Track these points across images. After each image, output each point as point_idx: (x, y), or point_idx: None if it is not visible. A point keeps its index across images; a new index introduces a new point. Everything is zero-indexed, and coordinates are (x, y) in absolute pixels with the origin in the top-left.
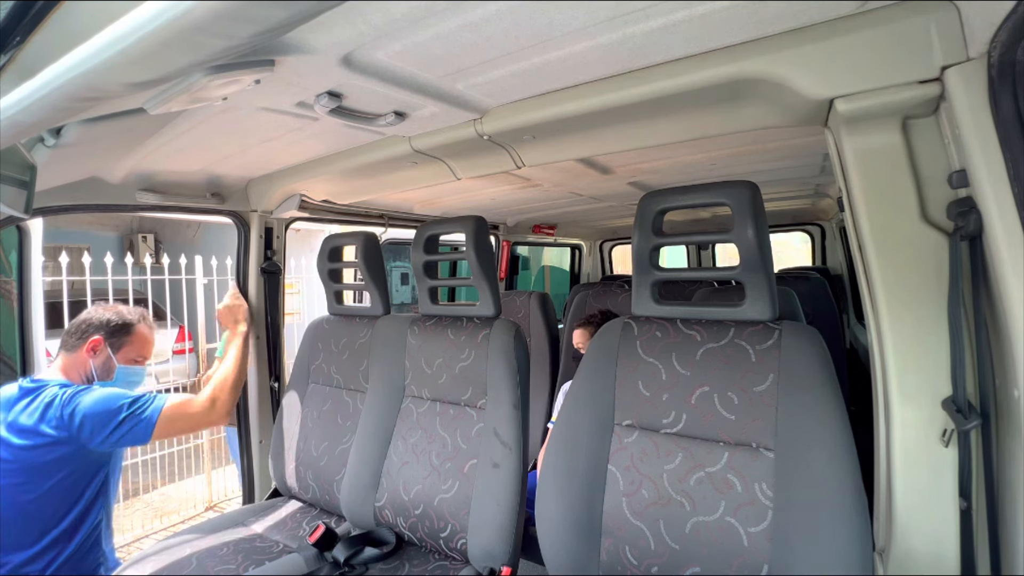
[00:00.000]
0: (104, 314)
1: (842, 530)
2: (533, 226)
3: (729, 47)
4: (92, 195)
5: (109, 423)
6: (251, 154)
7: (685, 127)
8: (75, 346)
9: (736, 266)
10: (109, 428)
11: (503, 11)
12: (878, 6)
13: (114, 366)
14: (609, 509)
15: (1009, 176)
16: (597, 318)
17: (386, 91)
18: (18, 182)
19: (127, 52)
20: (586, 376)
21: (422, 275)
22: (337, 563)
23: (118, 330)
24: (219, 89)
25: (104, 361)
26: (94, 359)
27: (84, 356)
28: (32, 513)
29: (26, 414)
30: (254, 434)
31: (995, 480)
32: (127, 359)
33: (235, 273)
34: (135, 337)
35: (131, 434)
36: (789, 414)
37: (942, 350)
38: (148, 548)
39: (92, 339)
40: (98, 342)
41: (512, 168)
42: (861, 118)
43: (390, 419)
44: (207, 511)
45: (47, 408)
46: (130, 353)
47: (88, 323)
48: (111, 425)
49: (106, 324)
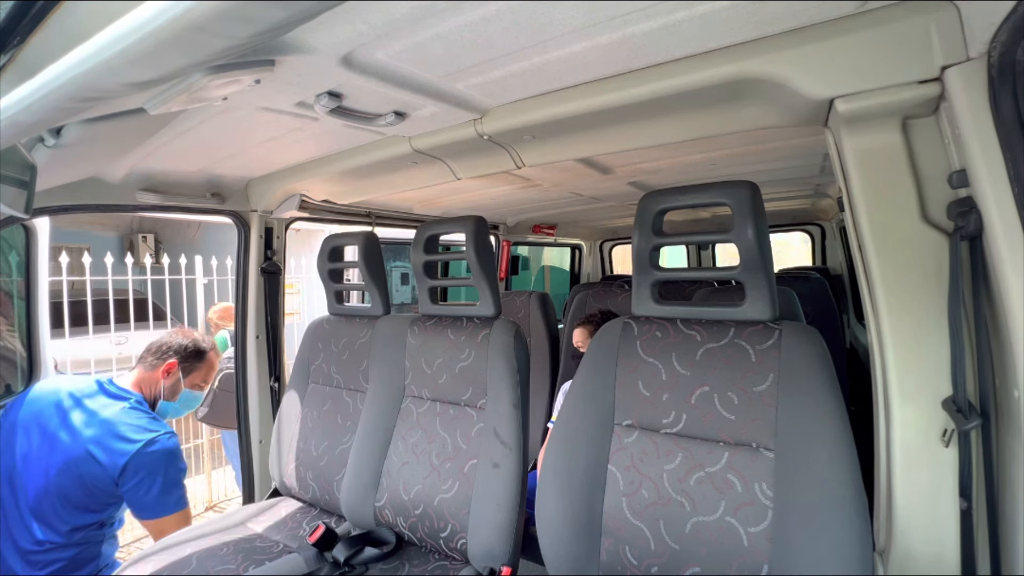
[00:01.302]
0: (183, 340)
1: (842, 530)
2: (533, 226)
3: (729, 47)
4: (92, 195)
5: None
6: (251, 154)
7: (685, 127)
8: (153, 365)
9: (736, 266)
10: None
11: (503, 11)
12: (878, 6)
13: (181, 389)
14: (609, 509)
15: (1009, 176)
16: (597, 318)
17: (386, 91)
18: (18, 182)
19: (127, 52)
20: (586, 376)
21: (422, 275)
22: (337, 563)
23: (192, 356)
24: (219, 89)
25: (174, 384)
26: (166, 380)
27: (158, 376)
28: (63, 504)
29: (106, 416)
30: (254, 434)
31: (995, 480)
32: (192, 384)
33: (235, 273)
34: (205, 364)
35: (137, 502)
36: (789, 414)
37: (942, 350)
38: (148, 548)
39: (169, 362)
40: (173, 365)
41: (512, 168)
42: (861, 118)
43: (390, 419)
44: (207, 511)
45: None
46: (196, 379)
47: (168, 346)
48: (143, 486)
49: (183, 349)
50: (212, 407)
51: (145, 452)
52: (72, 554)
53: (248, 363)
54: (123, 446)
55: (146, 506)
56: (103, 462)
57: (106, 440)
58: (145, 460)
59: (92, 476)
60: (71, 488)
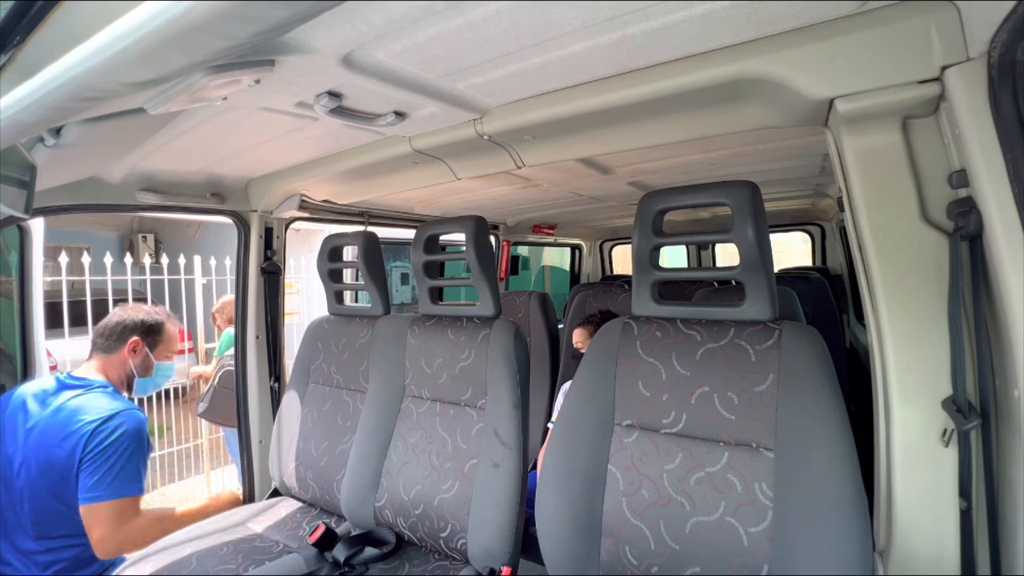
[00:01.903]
0: (136, 315)
1: (842, 530)
2: (533, 226)
3: (729, 47)
4: (92, 195)
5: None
6: (251, 154)
7: (685, 127)
8: (113, 348)
9: (736, 266)
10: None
11: (503, 11)
12: (878, 6)
13: (152, 363)
14: (609, 509)
15: (1009, 176)
16: (597, 318)
17: (386, 91)
18: (18, 182)
19: (127, 52)
20: (586, 376)
21: (422, 275)
22: (337, 563)
23: (152, 330)
24: (219, 89)
25: (143, 359)
26: (135, 358)
27: (125, 356)
28: (56, 504)
29: (73, 406)
30: (254, 434)
31: (995, 480)
32: (162, 356)
33: (235, 273)
34: (167, 335)
35: (89, 481)
36: (789, 414)
37: (942, 350)
38: (148, 548)
39: (131, 340)
40: (137, 343)
41: (512, 168)
42: (861, 118)
43: (390, 419)
44: None
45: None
46: (164, 350)
47: (123, 325)
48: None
49: (142, 325)
50: (211, 403)
51: (103, 428)
52: (75, 553)
53: (248, 363)
54: (80, 425)
55: (97, 484)
56: (67, 448)
57: (68, 426)
58: (103, 434)
59: (68, 468)
60: (58, 487)
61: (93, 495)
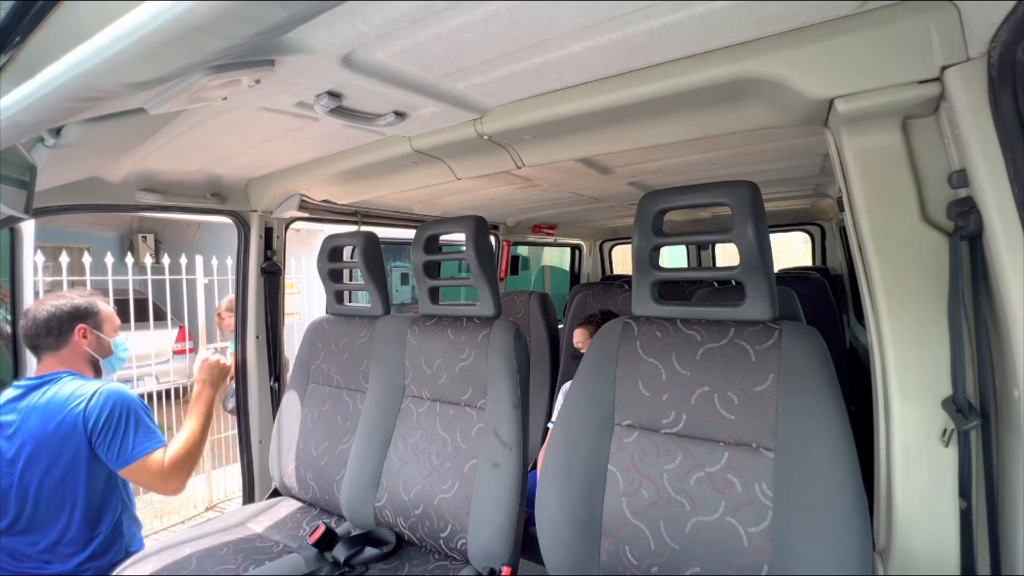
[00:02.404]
0: (63, 305)
1: (842, 530)
2: (533, 226)
3: (729, 47)
4: (92, 195)
5: (110, 427)
6: (251, 154)
7: (685, 127)
8: (61, 343)
9: (736, 266)
10: (106, 431)
11: (503, 11)
12: (878, 6)
13: (107, 342)
14: (609, 509)
15: (1009, 176)
16: (597, 318)
17: (386, 91)
18: (18, 182)
19: (127, 52)
20: (586, 376)
21: (422, 275)
22: (337, 563)
23: (88, 313)
24: (219, 89)
25: (97, 342)
26: (89, 344)
27: (78, 346)
28: (60, 496)
29: (45, 400)
30: (254, 434)
31: (995, 480)
32: (110, 334)
33: (235, 273)
34: (103, 313)
35: (111, 452)
36: (789, 414)
37: (942, 350)
38: (148, 548)
39: (77, 328)
40: (83, 328)
41: (512, 168)
42: (861, 118)
43: (390, 419)
44: (207, 511)
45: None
46: (109, 328)
47: (58, 318)
48: (110, 428)
49: (76, 310)
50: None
51: (96, 403)
52: (97, 544)
53: (248, 363)
54: (73, 407)
55: (122, 451)
56: (70, 433)
57: (61, 414)
58: (99, 408)
59: (77, 452)
60: (64, 478)
61: (124, 459)
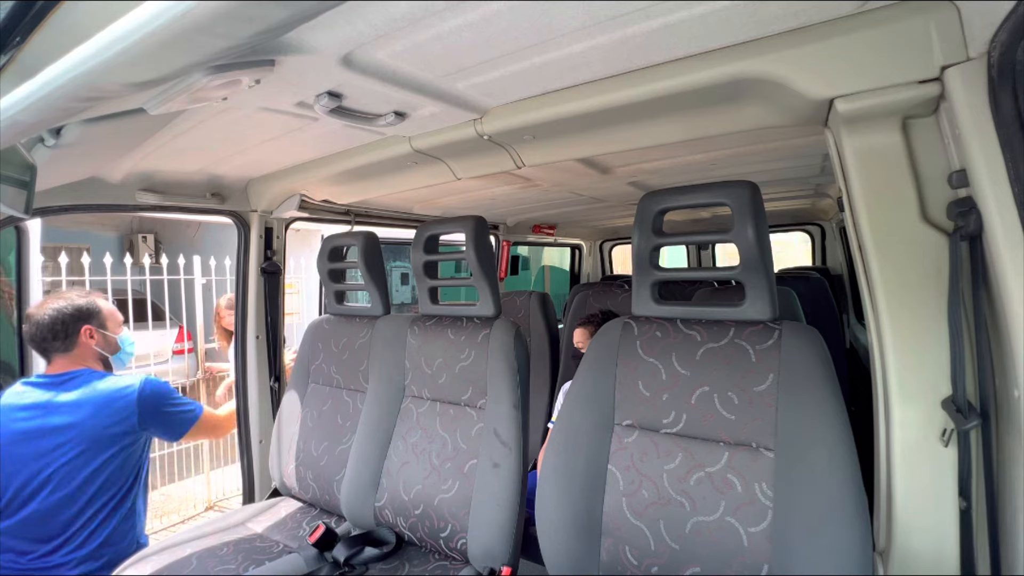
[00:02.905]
0: (65, 306)
1: (842, 530)
2: (533, 226)
3: (729, 47)
4: (92, 195)
5: (162, 410)
6: (251, 154)
7: (685, 127)
8: (70, 344)
9: (736, 266)
10: (160, 414)
11: (503, 11)
12: (878, 6)
13: (115, 340)
14: (609, 509)
15: (1009, 176)
16: (598, 318)
17: (386, 91)
18: (18, 182)
19: (127, 52)
20: (586, 376)
21: (422, 275)
22: (337, 563)
23: (91, 313)
24: (219, 89)
25: (104, 340)
26: (97, 343)
27: (86, 347)
28: (89, 487)
29: (74, 393)
30: (254, 434)
31: (995, 480)
32: (115, 331)
33: (235, 273)
34: (105, 311)
35: (170, 428)
36: (789, 414)
37: (942, 350)
38: (148, 548)
39: (83, 329)
40: (89, 329)
41: (512, 168)
42: (861, 118)
43: (390, 419)
44: (207, 511)
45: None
46: (112, 326)
47: (62, 320)
48: (162, 411)
49: (79, 311)
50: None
51: (144, 392)
52: (108, 532)
53: (248, 363)
54: (124, 396)
55: (179, 423)
56: (121, 420)
57: (113, 404)
58: (149, 395)
59: (125, 435)
60: (93, 472)
61: (182, 429)
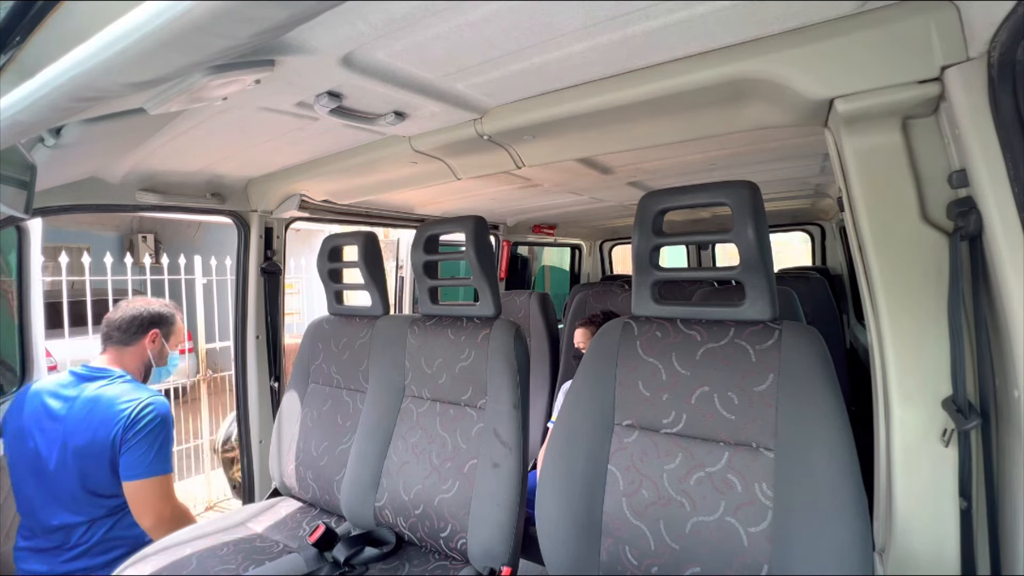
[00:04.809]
0: (151, 308)
1: (842, 530)
2: (533, 226)
3: (729, 47)
4: (92, 195)
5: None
6: (251, 154)
7: (685, 127)
8: (131, 340)
9: (736, 266)
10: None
11: (503, 11)
12: (878, 6)
13: (167, 353)
14: (609, 509)
15: (1009, 176)
16: (599, 318)
17: (386, 91)
18: (18, 182)
19: (127, 52)
20: (586, 376)
21: (422, 275)
22: (337, 563)
23: (166, 321)
24: (219, 89)
25: (160, 349)
26: (153, 348)
27: (144, 347)
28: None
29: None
30: (254, 434)
31: (995, 480)
32: (173, 346)
33: (235, 273)
34: (177, 327)
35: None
36: (789, 414)
37: (942, 350)
38: (148, 548)
39: (151, 332)
40: (156, 334)
41: (512, 168)
42: (861, 118)
43: (390, 419)
44: (207, 511)
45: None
46: (175, 341)
47: (140, 318)
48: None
49: (159, 317)
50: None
51: (142, 414)
52: (107, 531)
53: (248, 363)
54: (120, 410)
55: (139, 464)
56: (107, 432)
57: (108, 412)
58: (143, 421)
59: (104, 450)
60: (88, 470)
61: (136, 472)
